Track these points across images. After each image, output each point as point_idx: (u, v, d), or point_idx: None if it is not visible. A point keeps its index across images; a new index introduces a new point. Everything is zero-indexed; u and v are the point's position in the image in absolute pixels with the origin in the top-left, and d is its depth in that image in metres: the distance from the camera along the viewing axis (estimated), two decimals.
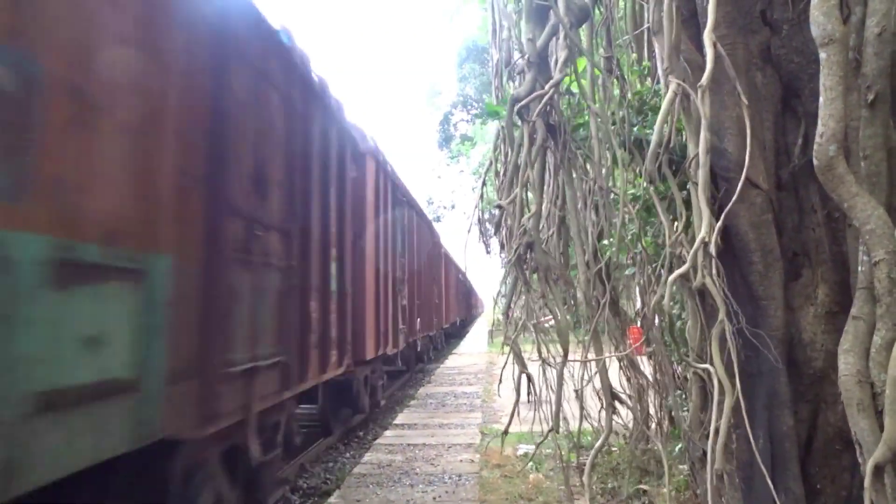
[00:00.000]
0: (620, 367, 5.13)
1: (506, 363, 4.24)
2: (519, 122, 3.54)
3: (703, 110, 2.86)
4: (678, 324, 5.32)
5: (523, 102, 3.38)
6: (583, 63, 4.35)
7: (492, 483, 6.04)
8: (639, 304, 5.90)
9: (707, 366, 2.81)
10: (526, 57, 3.46)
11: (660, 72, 4.62)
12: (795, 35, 3.44)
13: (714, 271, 2.92)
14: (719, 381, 2.95)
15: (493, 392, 11.86)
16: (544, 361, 4.31)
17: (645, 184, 3.54)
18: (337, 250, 6.54)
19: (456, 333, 29.99)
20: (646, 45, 5.85)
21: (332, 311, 6.31)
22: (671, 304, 3.05)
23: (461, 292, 31.14)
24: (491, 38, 6.38)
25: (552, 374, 4.25)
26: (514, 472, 6.31)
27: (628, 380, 5.30)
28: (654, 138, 3.04)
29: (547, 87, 3.32)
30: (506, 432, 4.28)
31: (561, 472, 5.88)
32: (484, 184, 7.38)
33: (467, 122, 26.49)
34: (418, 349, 15.13)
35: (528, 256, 3.56)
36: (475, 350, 23.44)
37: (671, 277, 2.93)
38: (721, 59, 2.91)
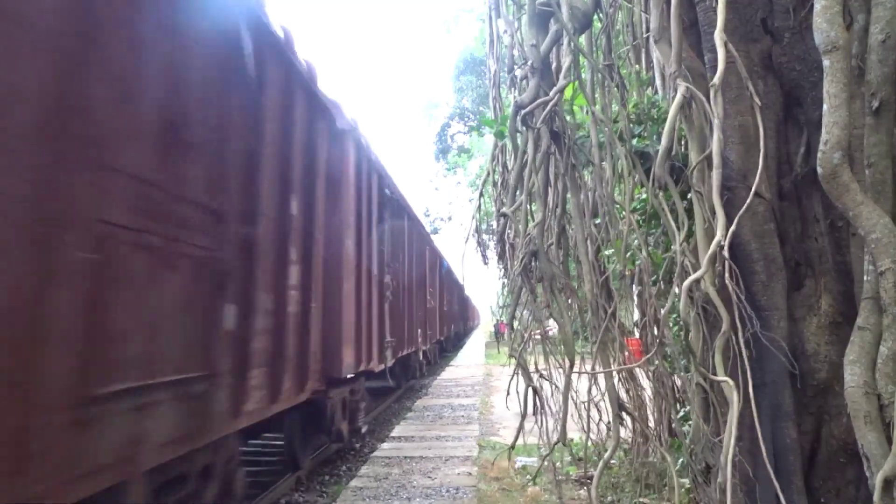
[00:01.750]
0: (619, 380, 5.08)
1: (513, 376, 4.18)
2: (522, 129, 3.51)
3: (715, 110, 2.83)
4: (684, 333, 5.29)
5: (528, 109, 3.34)
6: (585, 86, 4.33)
7: (490, 496, 5.96)
8: (636, 316, 5.86)
9: (727, 378, 2.75)
10: (529, 63, 3.43)
11: (657, 82, 4.61)
12: (797, 43, 3.43)
13: (728, 276, 2.87)
14: (720, 394, 2.90)
15: (490, 404, 11.79)
16: (541, 376, 4.26)
17: (647, 193, 3.50)
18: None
19: (451, 346, 29.68)
20: (644, 55, 5.85)
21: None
22: (686, 312, 2.99)
23: (459, 304, 30.97)
24: (488, 49, 6.36)
25: (552, 386, 4.20)
26: (512, 485, 6.23)
27: (627, 392, 5.25)
28: (663, 142, 3.00)
29: (552, 93, 3.29)
30: (512, 447, 4.21)
31: (561, 486, 5.81)
32: (481, 195, 7.35)
33: (465, 133, 26.54)
34: None
35: (532, 266, 3.51)
36: (472, 362, 23.34)
37: (686, 283, 2.88)
38: (732, 58, 2.88)
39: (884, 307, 2.64)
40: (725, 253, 2.81)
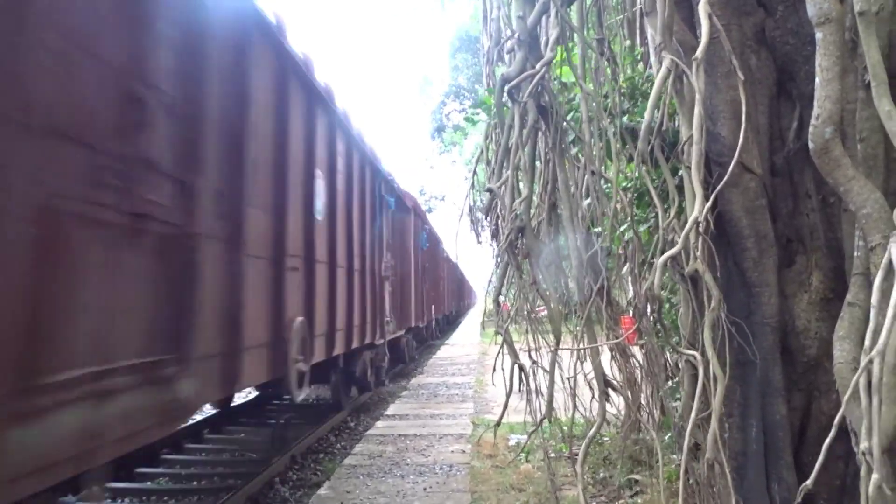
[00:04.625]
0: (612, 357, 5.09)
1: (499, 352, 4.19)
2: (509, 103, 3.46)
3: (697, 85, 2.78)
4: (671, 310, 5.28)
5: (514, 82, 3.30)
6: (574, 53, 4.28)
7: (483, 473, 6.00)
8: (630, 294, 5.85)
9: (695, 353, 2.75)
10: (516, 35, 3.37)
11: (651, 56, 4.56)
12: (790, 16, 3.38)
13: (704, 253, 2.85)
14: (712, 370, 2.89)
15: (485, 382, 11.84)
16: (530, 354, 4.25)
17: (637, 169, 3.48)
18: None
19: (447, 326, 29.61)
20: (638, 31, 5.78)
21: None
22: (661, 289, 2.98)
23: (453, 283, 30.89)
24: (482, 25, 6.29)
25: (544, 363, 4.19)
26: (505, 462, 6.27)
27: (620, 370, 5.26)
28: (646, 116, 2.97)
29: (538, 66, 3.24)
30: (498, 424, 4.22)
31: (552, 463, 5.83)
32: (475, 173, 7.31)
33: (460, 112, 26.41)
34: None
35: (519, 242, 3.49)
36: (468, 341, 23.43)
37: (661, 259, 2.87)
38: (717, 32, 2.83)
39: (873, 283, 2.63)
40: (701, 228, 2.78)
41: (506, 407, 4.02)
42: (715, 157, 3.45)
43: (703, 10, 2.76)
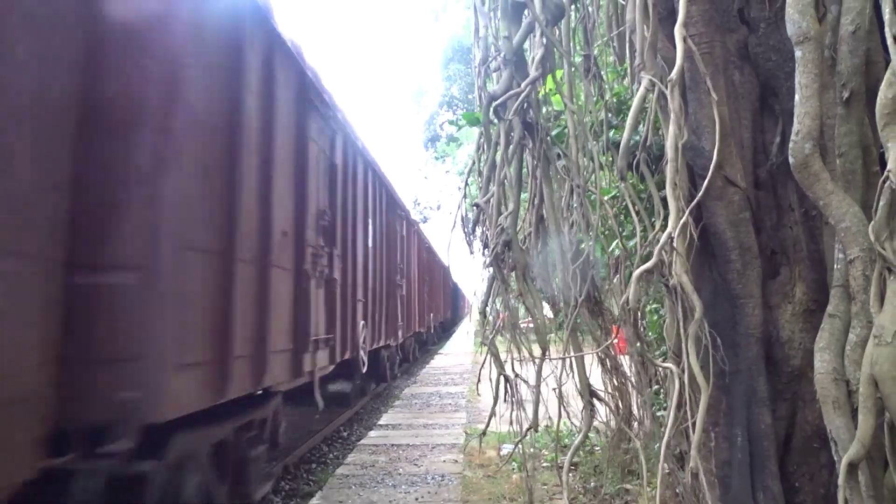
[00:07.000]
0: (602, 367, 5.14)
1: (483, 362, 4.24)
2: (496, 121, 3.52)
3: (672, 104, 2.85)
4: (657, 321, 5.33)
5: (500, 100, 3.36)
6: (560, 73, 4.34)
7: (475, 483, 6.03)
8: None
9: (670, 366, 2.80)
10: (502, 55, 3.44)
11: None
12: (772, 33, 3.45)
13: (681, 267, 2.90)
14: (695, 380, 2.94)
15: (477, 392, 11.87)
16: (514, 366, 4.29)
17: (625, 185, 3.54)
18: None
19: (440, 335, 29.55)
20: (627, 46, 5.85)
21: None
22: (644, 301, 3.03)
23: (448, 291, 30.86)
24: (474, 37, 6.35)
25: (530, 373, 4.23)
26: (497, 472, 6.30)
27: (609, 379, 5.30)
28: (625, 133, 3.03)
29: (523, 84, 3.30)
30: (484, 433, 4.26)
31: (543, 472, 5.87)
32: (467, 184, 7.37)
33: (452, 123, 26.48)
34: None
35: (505, 255, 3.54)
36: (461, 350, 23.43)
37: (636, 273, 2.92)
38: (692, 53, 2.90)
39: (852, 295, 2.69)
40: (676, 244, 2.84)
41: (491, 417, 4.06)
42: (699, 170, 3.50)
43: (678, 33, 2.83)
